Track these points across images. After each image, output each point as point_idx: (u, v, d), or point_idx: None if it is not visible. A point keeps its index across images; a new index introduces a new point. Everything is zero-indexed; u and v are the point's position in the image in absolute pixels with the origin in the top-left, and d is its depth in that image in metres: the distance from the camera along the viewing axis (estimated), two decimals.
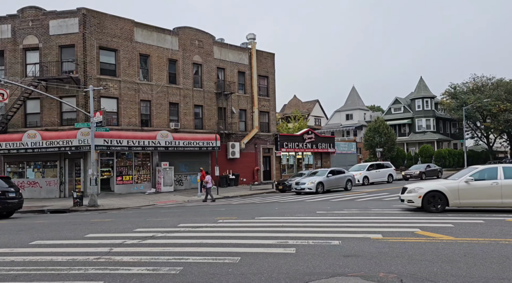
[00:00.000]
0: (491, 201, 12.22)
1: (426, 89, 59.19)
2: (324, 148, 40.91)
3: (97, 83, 24.61)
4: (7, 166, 25.22)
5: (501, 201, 12.13)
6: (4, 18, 25.27)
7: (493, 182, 12.15)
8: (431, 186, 12.78)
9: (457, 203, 12.39)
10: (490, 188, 12.13)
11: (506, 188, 12.00)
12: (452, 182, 12.62)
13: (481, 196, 12.25)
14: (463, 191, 12.31)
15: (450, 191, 12.41)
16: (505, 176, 12.16)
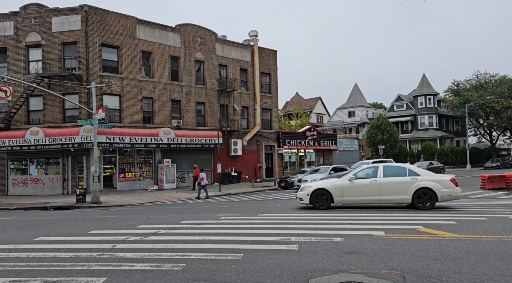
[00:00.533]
0: (370, 198, 12.99)
1: (429, 87, 58.98)
2: (326, 145, 40.87)
3: (99, 81, 24.63)
4: (10, 162, 25.32)
5: (379, 198, 12.90)
6: (7, 15, 25.30)
7: (373, 180, 12.96)
8: (319, 184, 13.58)
9: (341, 200, 13.21)
10: (369, 186, 12.94)
11: (384, 186, 12.80)
12: (338, 181, 13.41)
13: (362, 194, 13.04)
14: (346, 189, 13.13)
15: (334, 189, 13.22)
16: (384, 175, 12.96)
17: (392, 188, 12.78)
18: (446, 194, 12.43)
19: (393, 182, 12.79)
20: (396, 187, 12.76)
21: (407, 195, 12.69)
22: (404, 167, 13.16)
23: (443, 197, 12.47)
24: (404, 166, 13.19)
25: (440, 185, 12.47)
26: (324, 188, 13.25)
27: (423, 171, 13.06)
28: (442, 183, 12.50)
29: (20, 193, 24.90)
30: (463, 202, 14.72)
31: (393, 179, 12.86)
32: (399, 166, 13.27)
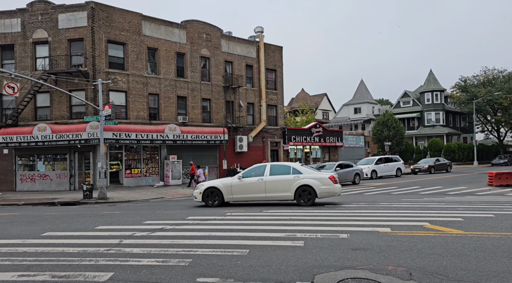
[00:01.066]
0: (257, 195, 13.68)
1: (435, 83, 58.50)
2: (332, 141, 40.76)
3: (105, 77, 24.74)
4: (18, 158, 25.57)
5: (265, 195, 13.63)
6: (14, 12, 25.45)
7: (259, 179, 13.63)
8: (210, 183, 14.23)
9: (230, 198, 13.76)
10: (256, 184, 13.60)
11: (269, 184, 13.51)
12: (228, 179, 14.14)
13: (249, 191, 13.68)
14: (235, 187, 13.74)
15: (224, 187, 13.83)
16: (270, 173, 13.67)
17: (276, 185, 13.49)
18: (325, 190, 13.28)
19: (277, 180, 13.50)
20: (280, 184, 13.47)
21: (289, 192, 13.42)
22: (289, 165, 13.97)
23: (322, 193, 13.31)
24: (289, 165, 14.01)
25: (319, 182, 13.27)
26: (215, 186, 13.88)
27: (306, 170, 13.78)
28: (321, 180, 13.31)
29: (28, 189, 25.16)
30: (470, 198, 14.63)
31: (277, 177, 13.57)
32: (284, 165, 14.17)
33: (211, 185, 13.99)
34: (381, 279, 5.24)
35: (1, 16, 25.45)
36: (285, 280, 5.34)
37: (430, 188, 19.81)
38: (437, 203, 13.34)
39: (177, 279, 5.49)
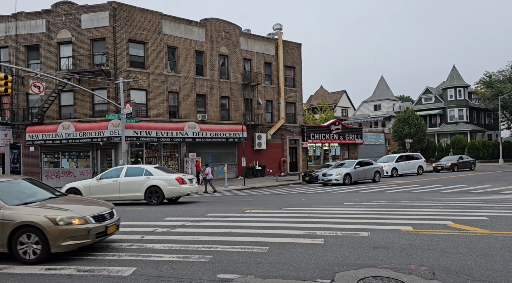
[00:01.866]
0: (112, 195, 14.55)
1: (459, 78, 57.01)
2: (352, 139, 40.31)
3: (126, 76, 25.17)
4: (43, 156, 26.34)
5: (119, 195, 14.63)
6: (39, 13, 26.17)
7: (115, 180, 14.65)
8: (72, 184, 15.16)
9: None
10: (112, 185, 14.62)
11: (123, 185, 14.54)
12: (88, 180, 15.27)
13: (106, 191, 14.56)
14: (93, 187, 14.69)
15: (84, 187, 14.78)
16: (126, 175, 14.65)
17: (129, 186, 14.49)
18: (171, 190, 14.50)
19: (130, 181, 14.53)
20: (132, 185, 14.50)
21: (140, 192, 14.48)
22: (142, 167, 15.08)
23: (169, 193, 14.50)
24: (143, 167, 15.11)
25: (166, 183, 14.39)
26: (75, 187, 14.90)
27: (157, 171, 14.83)
28: (168, 181, 14.43)
29: (52, 185, 25.84)
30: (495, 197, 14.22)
31: (131, 178, 14.58)
32: (138, 167, 15.28)
33: (72, 186, 14.97)
34: (403, 278, 5.17)
35: (27, 17, 26.22)
36: (305, 277, 5.34)
37: (453, 186, 19.36)
38: (461, 201, 13.03)
39: (198, 275, 5.56)
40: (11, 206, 6.62)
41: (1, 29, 26.50)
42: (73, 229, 6.44)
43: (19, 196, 7.15)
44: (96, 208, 7.23)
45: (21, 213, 6.50)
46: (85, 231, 6.55)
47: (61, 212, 6.59)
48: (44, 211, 6.60)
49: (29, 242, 6.38)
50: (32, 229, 6.38)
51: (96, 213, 6.98)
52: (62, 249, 6.42)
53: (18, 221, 6.39)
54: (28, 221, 6.39)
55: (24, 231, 6.39)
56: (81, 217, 6.61)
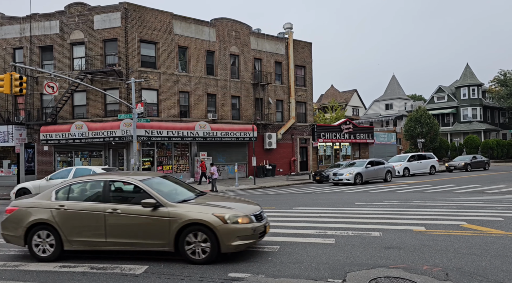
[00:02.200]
0: None
1: (472, 77, 56.13)
2: (363, 138, 40.02)
3: (138, 76, 25.38)
4: (57, 155, 26.73)
5: None
6: (53, 14, 26.56)
7: (63, 180, 15.06)
8: (24, 184, 16.33)
9: None
10: None
11: None
12: (38, 181, 16.11)
13: None
14: (43, 188, 15.41)
15: (34, 188, 15.76)
16: (74, 175, 15.38)
17: None
18: None
19: None
20: None
21: None
22: (90, 169, 15.87)
23: None
24: (90, 168, 15.95)
25: None
26: (25, 187, 16.00)
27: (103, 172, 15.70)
28: None
29: None
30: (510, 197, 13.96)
31: None
32: (86, 168, 16.13)
33: (23, 186, 15.96)
34: (416, 278, 5.12)
35: (41, 19, 26.63)
36: (316, 277, 5.33)
37: (467, 186, 19.08)
38: (475, 201, 12.84)
39: (209, 273, 5.59)
40: (173, 203, 6.38)
41: (16, 30, 26.97)
42: (241, 228, 6.09)
43: (171, 193, 6.88)
44: (252, 207, 6.84)
45: (187, 211, 6.22)
46: (251, 231, 6.19)
47: (226, 210, 6.26)
48: (210, 208, 6.28)
49: (197, 241, 6.06)
50: (200, 227, 6.06)
51: (256, 211, 6.62)
52: (231, 249, 6.08)
53: (186, 219, 6.09)
54: (196, 219, 6.07)
55: (191, 230, 6.08)
56: (246, 215, 6.27)
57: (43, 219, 6.50)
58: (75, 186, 6.93)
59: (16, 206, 6.84)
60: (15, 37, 26.96)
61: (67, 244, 6.43)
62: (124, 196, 6.80)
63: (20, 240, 6.63)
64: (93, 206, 6.47)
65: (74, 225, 6.43)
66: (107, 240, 6.31)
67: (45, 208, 6.59)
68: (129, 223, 6.27)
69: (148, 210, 6.21)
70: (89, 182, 6.98)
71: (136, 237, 6.24)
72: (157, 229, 6.15)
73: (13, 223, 6.70)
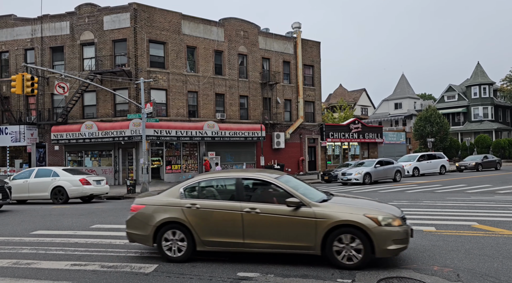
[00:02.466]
0: (22, 194, 16.04)
1: (483, 75, 55.42)
2: (371, 138, 39.77)
3: (147, 76, 25.55)
4: (67, 154, 27.03)
5: (28, 195, 16.05)
6: (63, 15, 26.86)
7: (24, 180, 16.00)
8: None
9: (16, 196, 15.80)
10: (22, 185, 16.00)
11: (32, 185, 15.92)
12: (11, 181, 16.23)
13: (16, 191, 15.58)
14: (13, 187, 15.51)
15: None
16: (36, 176, 15.99)
17: (37, 186, 15.82)
18: (75, 191, 15.75)
19: (38, 181, 15.87)
20: (40, 186, 15.82)
21: (47, 192, 15.76)
22: (51, 169, 16.42)
23: (72, 193, 15.73)
24: (51, 169, 16.44)
25: (70, 184, 15.68)
26: None
27: (64, 173, 16.07)
28: (72, 182, 15.73)
29: None
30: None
31: (39, 179, 15.90)
32: (47, 169, 16.55)
33: None
34: (426, 279, 5.08)
35: (52, 20, 26.95)
36: (325, 277, 5.31)
37: (478, 186, 18.84)
38: (486, 202, 12.68)
39: (218, 273, 5.61)
40: (317, 203, 5.91)
41: (27, 31, 27.33)
42: (395, 231, 5.54)
43: (306, 192, 6.34)
44: (395, 208, 6.24)
45: (335, 211, 5.72)
46: (405, 234, 5.61)
47: (377, 211, 5.74)
48: (359, 209, 5.78)
49: (346, 244, 5.58)
50: (351, 229, 5.57)
51: (401, 213, 6.03)
52: (387, 254, 5.56)
53: (335, 220, 5.60)
54: (347, 220, 5.57)
55: (341, 232, 5.59)
56: (397, 217, 5.71)
57: (174, 218, 6.20)
58: (204, 184, 6.63)
59: (142, 204, 6.53)
60: (26, 38, 27.33)
61: (200, 245, 6.12)
62: (260, 194, 6.35)
63: (148, 240, 6.31)
64: (228, 205, 6.09)
65: (208, 224, 6.08)
66: (245, 241, 5.94)
67: (175, 206, 6.29)
68: (269, 223, 5.86)
69: (289, 209, 5.81)
70: (220, 179, 6.66)
71: (277, 238, 5.81)
72: (301, 230, 5.72)
73: (140, 221, 6.38)
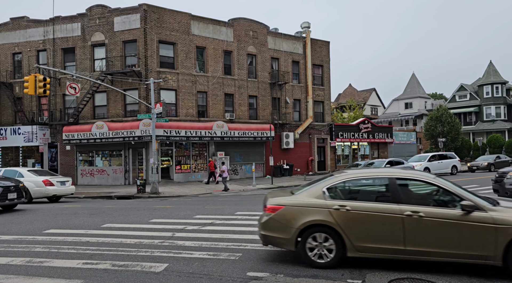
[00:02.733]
0: None
1: (496, 74, 54.59)
2: (381, 138, 39.48)
3: (157, 76, 25.73)
4: (79, 154, 27.36)
5: None
6: (75, 17, 27.19)
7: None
8: None
9: None
10: None
11: None
12: None
13: None
14: None
15: None
16: None
17: None
18: (38, 191, 16.31)
19: None
20: None
21: None
22: (16, 170, 16.77)
23: (35, 194, 16.31)
24: (17, 170, 16.83)
25: (33, 185, 16.20)
26: None
27: (28, 174, 16.54)
28: (35, 183, 16.29)
29: (87, 183, 26.87)
30: None
31: None
32: (13, 170, 16.86)
33: None
34: (439, 280, 5.04)
35: (64, 21, 27.30)
36: (335, 277, 5.30)
37: (490, 186, 18.56)
38: None
39: (228, 272, 5.64)
40: (493, 207, 5.45)
41: (40, 33, 27.74)
42: None
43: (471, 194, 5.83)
44: None
45: None
46: None
47: None
48: None
49: None
50: None
51: None
52: None
53: None
54: None
55: None
56: None
57: (320, 220, 5.75)
58: (350, 183, 6.18)
59: (281, 204, 6.07)
60: (39, 39, 27.73)
61: (352, 251, 5.64)
62: (421, 196, 5.96)
63: (289, 243, 5.87)
64: (385, 208, 5.60)
65: (362, 229, 5.61)
66: (406, 248, 5.45)
67: (321, 208, 5.82)
68: (436, 229, 5.38)
69: (460, 214, 5.35)
70: (369, 178, 6.22)
71: (446, 246, 5.33)
72: (477, 237, 5.24)
73: (280, 223, 5.95)
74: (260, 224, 6.23)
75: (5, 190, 12.80)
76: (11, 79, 28.27)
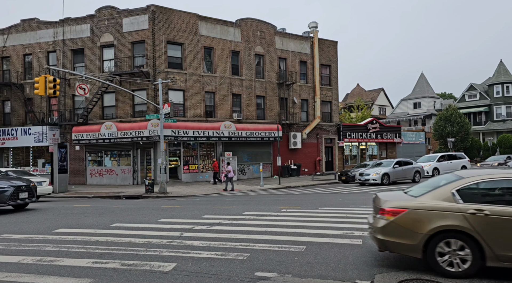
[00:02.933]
0: None
1: (506, 74, 53.92)
2: (390, 138, 39.21)
3: (165, 77, 25.86)
4: (88, 154, 27.61)
5: None
6: (84, 18, 27.45)
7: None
8: None
9: None
10: None
11: None
12: None
13: None
14: None
15: None
16: None
17: None
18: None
19: None
20: None
21: None
22: None
23: None
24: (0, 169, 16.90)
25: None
26: None
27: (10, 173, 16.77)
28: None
29: (96, 183, 27.10)
30: None
31: None
32: None
33: None
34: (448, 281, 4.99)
35: (73, 23, 27.58)
36: (344, 278, 5.29)
37: None
38: None
39: (236, 272, 5.65)
40: None
41: (49, 34, 28.05)
42: None
43: None
44: None
45: None
46: None
47: None
48: None
49: None
50: None
51: None
52: None
53: None
54: None
55: None
56: None
57: (453, 226, 5.23)
58: (485, 185, 5.53)
59: (403, 208, 5.58)
60: (49, 41, 28.05)
61: (493, 260, 5.11)
62: None
63: (415, 250, 5.39)
64: None
65: (507, 236, 5.07)
66: None
67: (452, 212, 5.31)
68: None
69: None
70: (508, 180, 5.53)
71: None
72: None
73: (404, 228, 5.48)
74: (376, 228, 5.76)
75: (16, 190, 12.98)
76: (22, 80, 28.64)
